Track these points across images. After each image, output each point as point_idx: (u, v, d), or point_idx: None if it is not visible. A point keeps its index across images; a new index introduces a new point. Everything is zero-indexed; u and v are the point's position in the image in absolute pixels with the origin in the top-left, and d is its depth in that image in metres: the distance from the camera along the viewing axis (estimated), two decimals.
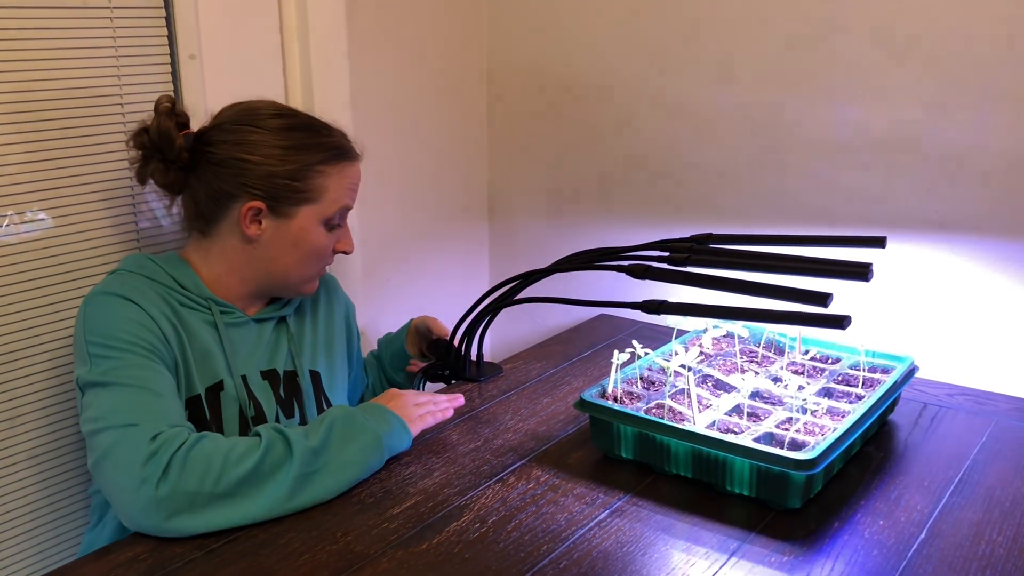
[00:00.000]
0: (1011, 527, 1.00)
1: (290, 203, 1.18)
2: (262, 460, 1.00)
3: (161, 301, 1.15)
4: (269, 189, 1.16)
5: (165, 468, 0.97)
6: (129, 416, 1.02)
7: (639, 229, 1.76)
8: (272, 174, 1.16)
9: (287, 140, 1.18)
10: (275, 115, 1.20)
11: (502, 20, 1.86)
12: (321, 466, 1.04)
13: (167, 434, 1.00)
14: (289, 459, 1.02)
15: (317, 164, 1.18)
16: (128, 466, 0.98)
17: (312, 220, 1.19)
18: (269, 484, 1.01)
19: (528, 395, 1.38)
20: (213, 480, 0.98)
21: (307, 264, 1.23)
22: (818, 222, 1.54)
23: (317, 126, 1.22)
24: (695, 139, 1.65)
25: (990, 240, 1.39)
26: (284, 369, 1.27)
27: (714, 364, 1.29)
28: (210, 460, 0.99)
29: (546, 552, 0.96)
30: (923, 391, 1.38)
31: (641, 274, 1.18)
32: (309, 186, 1.18)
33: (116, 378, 1.05)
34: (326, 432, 1.06)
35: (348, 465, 1.07)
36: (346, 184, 1.22)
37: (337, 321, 1.38)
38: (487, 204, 2.00)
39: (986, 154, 1.37)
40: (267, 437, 1.03)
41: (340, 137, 1.24)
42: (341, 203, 1.21)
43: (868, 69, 1.44)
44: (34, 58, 1.20)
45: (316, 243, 1.21)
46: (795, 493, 1.01)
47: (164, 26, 1.33)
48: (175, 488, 0.97)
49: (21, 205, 1.22)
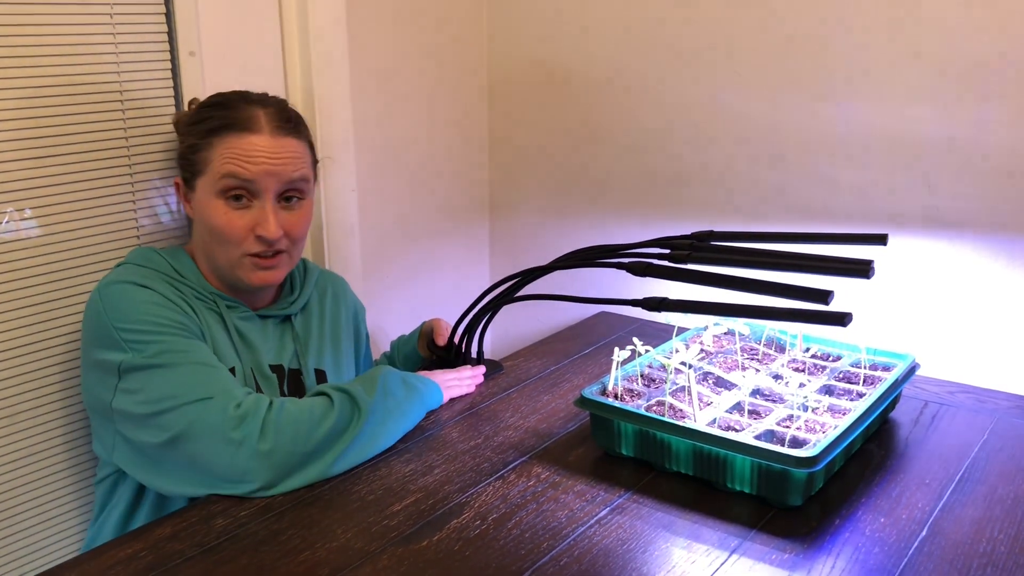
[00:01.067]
0: (1012, 525, 1.00)
1: (192, 176, 1.20)
2: (339, 417, 1.09)
3: (172, 291, 1.17)
4: (182, 165, 1.22)
5: (261, 429, 1.04)
6: (200, 390, 1.06)
7: (640, 226, 1.76)
8: (182, 152, 1.22)
9: (196, 117, 1.21)
10: (210, 97, 1.24)
11: (503, 17, 1.86)
12: (383, 417, 1.15)
13: (249, 400, 1.07)
14: (358, 412, 1.12)
15: (206, 136, 1.18)
16: (219, 435, 1.04)
17: (205, 192, 1.18)
18: (345, 438, 1.10)
19: (529, 392, 1.38)
20: (304, 440, 1.06)
21: (221, 245, 1.18)
22: (819, 219, 1.54)
23: (232, 101, 1.20)
24: (696, 137, 1.65)
25: (991, 237, 1.39)
26: (289, 367, 1.28)
27: (715, 361, 1.29)
28: (297, 422, 1.06)
29: (547, 549, 0.96)
30: (924, 389, 1.38)
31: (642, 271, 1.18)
32: (199, 158, 1.19)
33: (168, 359, 1.09)
34: (380, 386, 1.16)
35: (403, 419, 1.19)
36: (230, 155, 1.16)
37: (344, 321, 1.39)
38: (488, 202, 2.00)
39: (987, 151, 1.36)
40: (336, 397, 1.11)
41: (249, 111, 1.19)
42: (223, 171, 1.15)
43: (869, 66, 1.43)
44: (34, 54, 1.19)
45: (216, 219, 1.17)
46: (796, 491, 1.01)
47: (164, 23, 1.33)
48: (275, 447, 1.04)
49: (21, 202, 1.22)
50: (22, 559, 1.29)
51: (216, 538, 0.98)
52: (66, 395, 1.30)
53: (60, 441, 1.31)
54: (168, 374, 1.08)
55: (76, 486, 1.33)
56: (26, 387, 1.26)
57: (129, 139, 1.31)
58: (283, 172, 1.18)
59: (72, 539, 1.34)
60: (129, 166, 1.32)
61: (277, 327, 1.29)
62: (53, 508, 1.32)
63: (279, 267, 1.22)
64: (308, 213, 1.23)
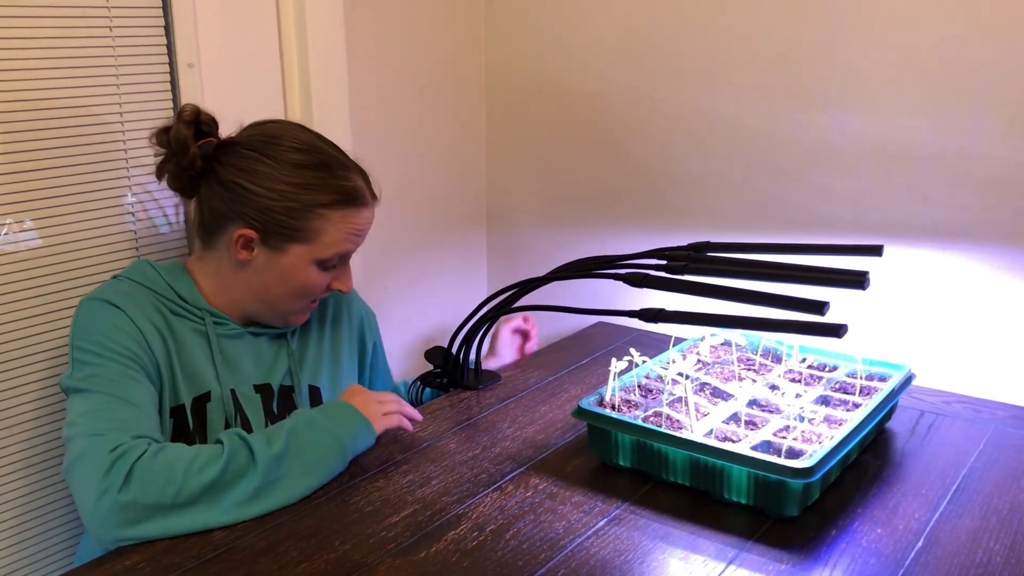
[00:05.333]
0: (1008, 535, 1.00)
1: (283, 239, 1.15)
2: (224, 469, 1.00)
3: (152, 309, 1.15)
4: (264, 221, 1.14)
5: (126, 478, 0.97)
6: (98, 425, 1.02)
7: (637, 237, 1.76)
8: (270, 208, 1.14)
9: (293, 177, 1.14)
10: (293, 148, 1.16)
11: (500, 29, 1.87)
12: (283, 474, 1.04)
13: (127, 445, 1.00)
14: (252, 467, 1.02)
15: (318, 207, 1.14)
16: (91, 476, 0.98)
17: (304, 259, 1.16)
18: (230, 493, 1.01)
19: (526, 403, 1.38)
20: (175, 490, 0.98)
21: (294, 299, 1.20)
22: (815, 230, 1.54)
23: (333, 166, 1.17)
24: (693, 147, 1.66)
25: (986, 247, 1.40)
26: (281, 384, 1.25)
27: (712, 372, 1.29)
28: (172, 470, 0.98)
29: (544, 560, 0.96)
30: (920, 399, 1.38)
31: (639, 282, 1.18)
32: (305, 226, 1.14)
33: (92, 385, 1.06)
34: (288, 438, 1.05)
35: (311, 472, 1.07)
36: (347, 230, 1.17)
37: (346, 334, 1.35)
38: (485, 212, 2.00)
39: (981, 161, 1.37)
40: (229, 445, 1.02)
41: (355, 180, 1.18)
42: (338, 248, 1.17)
43: (863, 77, 1.44)
44: (33, 67, 1.20)
45: (306, 281, 1.18)
46: (792, 501, 1.01)
47: (163, 35, 1.33)
48: (136, 498, 0.97)
49: (20, 213, 1.22)
50: (17, 572, 1.29)
51: (214, 550, 0.98)
52: (62, 407, 1.30)
53: (55, 452, 1.31)
54: (83, 400, 1.05)
55: (67, 499, 1.33)
56: (22, 398, 1.26)
57: (128, 150, 1.31)
58: None
59: (65, 552, 1.34)
60: (128, 177, 1.32)
61: (271, 343, 1.26)
62: (49, 519, 1.31)
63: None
64: None
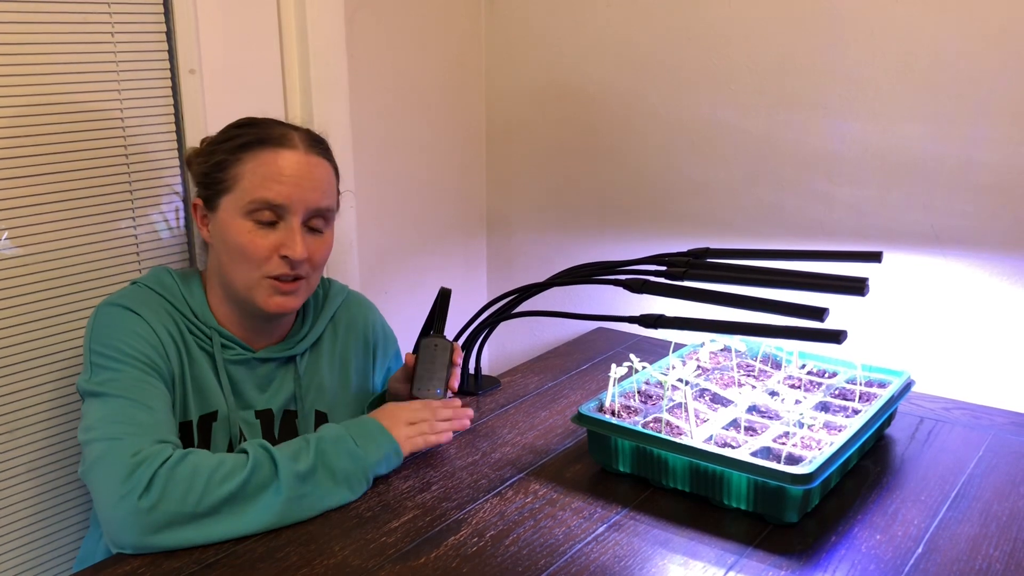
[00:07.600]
0: (1008, 541, 1.00)
1: (215, 195, 1.15)
2: (247, 481, 1.00)
3: (168, 319, 1.15)
4: (202, 183, 1.17)
5: (148, 484, 0.97)
6: (117, 429, 1.02)
7: (637, 243, 1.76)
8: (204, 172, 1.16)
9: (224, 135, 1.17)
10: (237, 120, 1.20)
11: (500, 37, 1.87)
12: (306, 492, 1.03)
13: (149, 450, 0.99)
14: (275, 482, 1.02)
15: (235, 152, 1.14)
16: (110, 480, 0.98)
17: (230, 211, 1.13)
18: (252, 506, 1.00)
19: (526, 409, 1.39)
20: (196, 499, 0.98)
21: (242, 265, 1.14)
22: (815, 237, 1.54)
23: (259, 122, 1.18)
24: (693, 154, 1.66)
25: (986, 254, 1.40)
26: (284, 409, 1.24)
27: (711, 378, 1.29)
28: (194, 478, 0.98)
29: (544, 566, 0.96)
30: (920, 405, 1.38)
31: (639, 288, 1.19)
32: (227, 175, 1.14)
33: (111, 389, 1.06)
34: (315, 457, 1.05)
35: (332, 493, 1.06)
36: (263, 173, 1.12)
37: (354, 357, 1.32)
38: (486, 218, 2.01)
39: (981, 168, 1.37)
40: (254, 456, 1.02)
41: (278, 129, 1.17)
42: (257, 193, 1.12)
43: (864, 84, 1.45)
44: (35, 72, 1.20)
45: (239, 238, 1.12)
46: (792, 507, 1.01)
47: (164, 41, 1.34)
48: (157, 505, 0.96)
49: (21, 219, 1.22)
50: (27, 573, 1.29)
51: (214, 555, 0.98)
52: (65, 412, 1.30)
53: (62, 455, 1.31)
54: (101, 405, 1.05)
55: (74, 501, 1.33)
56: (26, 403, 1.26)
57: (129, 155, 1.32)
58: (312, 199, 1.14)
59: (70, 553, 1.34)
60: (129, 183, 1.32)
61: (278, 368, 1.24)
62: (58, 522, 1.32)
63: (297, 294, 1.17)
64: (330, 241, 1.20)
